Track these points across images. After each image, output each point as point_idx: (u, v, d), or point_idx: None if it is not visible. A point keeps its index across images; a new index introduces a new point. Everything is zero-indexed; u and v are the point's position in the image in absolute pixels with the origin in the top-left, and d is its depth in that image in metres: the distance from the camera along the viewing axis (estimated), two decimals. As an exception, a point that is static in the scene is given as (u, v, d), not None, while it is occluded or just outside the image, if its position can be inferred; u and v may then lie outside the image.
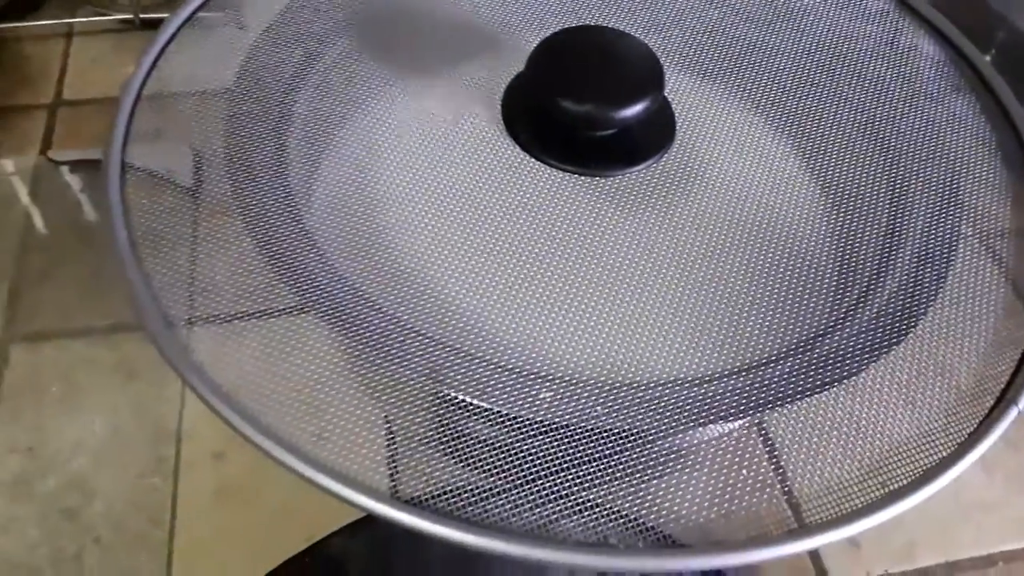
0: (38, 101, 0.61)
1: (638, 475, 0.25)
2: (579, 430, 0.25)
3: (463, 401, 0.26)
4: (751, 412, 0.25)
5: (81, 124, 0.59)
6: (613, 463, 0.25)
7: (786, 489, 0.25)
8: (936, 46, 0.37)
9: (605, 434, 0.25)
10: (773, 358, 0.27)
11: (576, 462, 0.25)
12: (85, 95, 0.61)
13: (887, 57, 0.37)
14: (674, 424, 0.25)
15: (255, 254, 0.29)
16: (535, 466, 0.24)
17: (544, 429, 0.25)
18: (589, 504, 0.24)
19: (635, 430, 0.25)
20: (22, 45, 0.65)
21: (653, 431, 0.25)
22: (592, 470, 0.25)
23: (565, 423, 0.25)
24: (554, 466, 0.24)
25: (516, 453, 0.25)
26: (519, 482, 0.24)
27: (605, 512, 0.24)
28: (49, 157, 0.56)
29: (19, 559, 0.39)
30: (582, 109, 0.29)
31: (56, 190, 0.55)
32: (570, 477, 0.24)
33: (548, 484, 0.24)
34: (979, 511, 0.42)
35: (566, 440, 0.25)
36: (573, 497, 0.24)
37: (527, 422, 0.25)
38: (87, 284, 0.49)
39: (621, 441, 0.25)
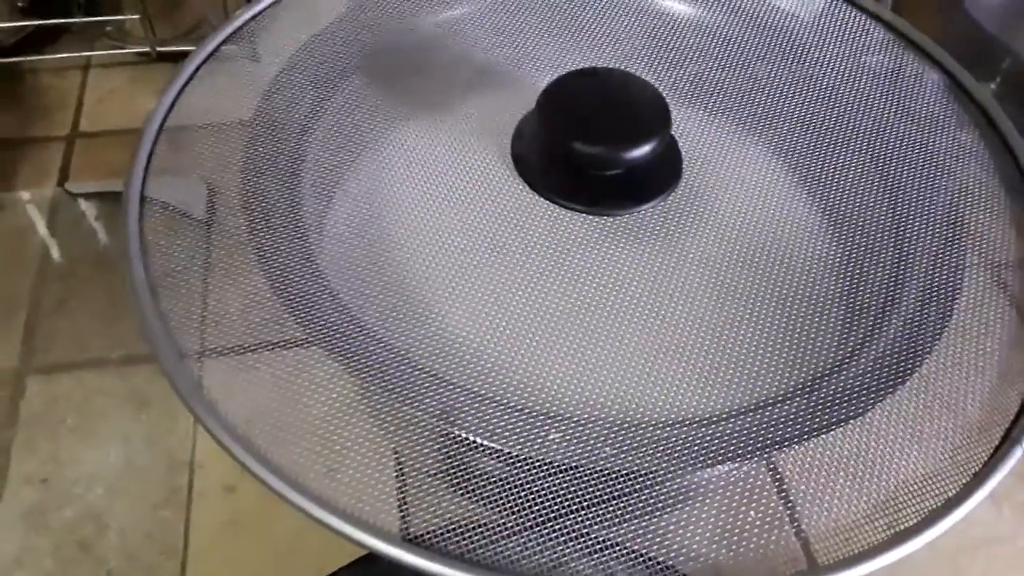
0: (55, 133, 0.62)
1: (648, 515, 0.25)
2: (589, 471, 0.25)
3: (473, 441, 0.26)
4: (760, 452, 0.25)
5: (98, 155, 0.60)
6: (623, 503, 0.25)
7: (796, 527, 0.25)
8: (938, 78, 0.38)
9: (615, 475, 0.25)
10: (781, 397, 0.27)
11: (586, 503, 0.25)
12: (102, 127, 0.62)
13: (890, 91, 0.37)
14: (683, 464, 0.25)
15: (268, 292, 0.30)
16: (546, 506, 0.25)
17: (555, 469, 0.26)
18: (599, 545, 0.24)
19: (644, 471, 0.25)
20: (40, 77, 0.66)
21: (662, 472, 0.25)
22: (602, 510, 0.25)
23: (574, 464, 0.25)
24: (565, 507, 0.25)
25: (527, 493, 0.25)
26: (530, 523, 0.24)
27: (615, 552, 0.24)
28: (66, 189, 0.57)
29: (34, 590, 0.40)
30: (591, 150, 0.30)
31: (73, 221, 0.56)
32: (580, 518, 0.25)
33: (559, 525, 0.24)
34: (988, 544, 0.42)
35: (577, 480, 0.25)
36: (583, 538, 0.24)
37: (537, 462, 0.26)
38: (102, 315, 0.50)
39: (631, 482, 0.25)
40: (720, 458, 0.25)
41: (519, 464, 0.26)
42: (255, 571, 0.40)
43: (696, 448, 0.25)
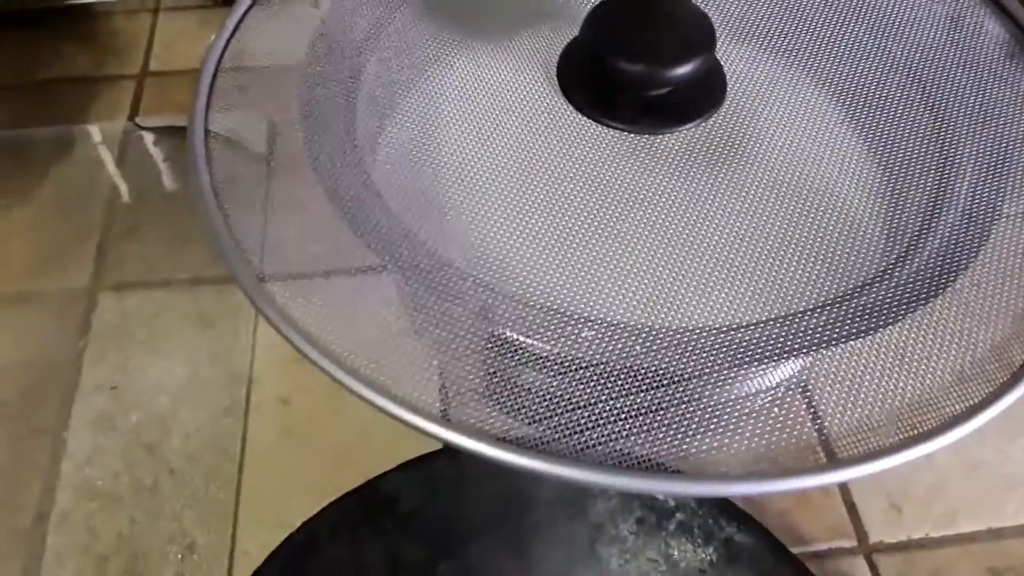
0: (126, 72, 0.64)
1: (678, 424, 0.26)
2: (621, 373, 0.26)
3: (511, 341, 0.28)
4: (786, 356, 0.26)
5: (167, 94, 0.62)
6: (654, 409, 0.26)
7: (818, 426, 0.26)
8: (997, 19, 0.37)
9: (646, 375, 0.26)
10: (813, 307, 0.28)
11: (618, 407, 0.26)
12: (171, 67, 0.65)
13: (943, 24, 0.37)
14: (713, 365, 0.26)
15: (326, 208, 0.31)
16: (584, 417, 0.26)
17: (592, 380, 0.27)
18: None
19: (674, 368, 0.26)
20: (112, 19, 0.69)
21: (691, 371, 0.26)
22: (634, 417, 0.26)
23: (605, 361, 0.26)
24: (598, 416, 0.26)
25: (564, 402, 0.26)
26: (567, 434, 0.25)
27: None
28: (136, 123, 0.60)
29: (102, 487, 0.43)
30: (635, 68, 0.31)
31: (142, 154, 0.58)
32: (612, 423, 0.25)
33: (591, 434, 0.25)
34: (1024, 483, 0.42)
35: (610, 386, 0.26)
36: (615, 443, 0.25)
37: (575, 370, 0.27)
38: (169, 240, 0.53)
39: (660, 382, 0.26)
40: (749, 359, 0.26)
41: (556, 371, 0.27)
42: (307, 474, 0.42)
43: (726, 349, 0.26)
